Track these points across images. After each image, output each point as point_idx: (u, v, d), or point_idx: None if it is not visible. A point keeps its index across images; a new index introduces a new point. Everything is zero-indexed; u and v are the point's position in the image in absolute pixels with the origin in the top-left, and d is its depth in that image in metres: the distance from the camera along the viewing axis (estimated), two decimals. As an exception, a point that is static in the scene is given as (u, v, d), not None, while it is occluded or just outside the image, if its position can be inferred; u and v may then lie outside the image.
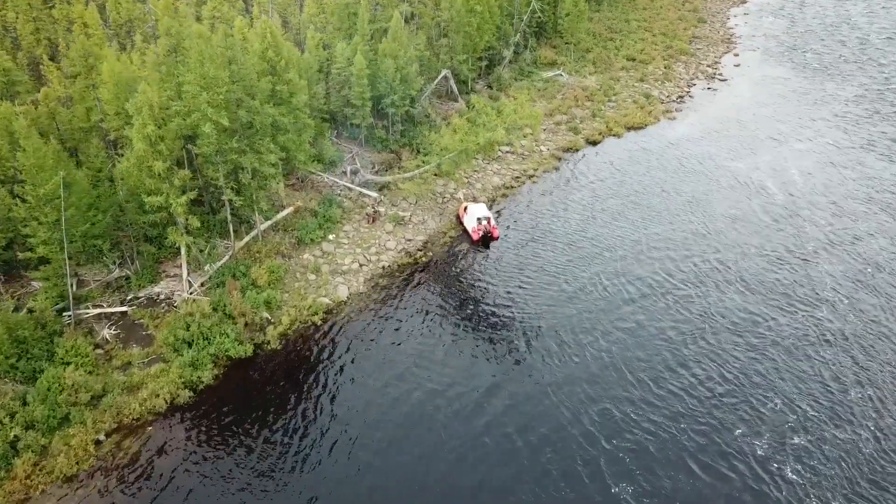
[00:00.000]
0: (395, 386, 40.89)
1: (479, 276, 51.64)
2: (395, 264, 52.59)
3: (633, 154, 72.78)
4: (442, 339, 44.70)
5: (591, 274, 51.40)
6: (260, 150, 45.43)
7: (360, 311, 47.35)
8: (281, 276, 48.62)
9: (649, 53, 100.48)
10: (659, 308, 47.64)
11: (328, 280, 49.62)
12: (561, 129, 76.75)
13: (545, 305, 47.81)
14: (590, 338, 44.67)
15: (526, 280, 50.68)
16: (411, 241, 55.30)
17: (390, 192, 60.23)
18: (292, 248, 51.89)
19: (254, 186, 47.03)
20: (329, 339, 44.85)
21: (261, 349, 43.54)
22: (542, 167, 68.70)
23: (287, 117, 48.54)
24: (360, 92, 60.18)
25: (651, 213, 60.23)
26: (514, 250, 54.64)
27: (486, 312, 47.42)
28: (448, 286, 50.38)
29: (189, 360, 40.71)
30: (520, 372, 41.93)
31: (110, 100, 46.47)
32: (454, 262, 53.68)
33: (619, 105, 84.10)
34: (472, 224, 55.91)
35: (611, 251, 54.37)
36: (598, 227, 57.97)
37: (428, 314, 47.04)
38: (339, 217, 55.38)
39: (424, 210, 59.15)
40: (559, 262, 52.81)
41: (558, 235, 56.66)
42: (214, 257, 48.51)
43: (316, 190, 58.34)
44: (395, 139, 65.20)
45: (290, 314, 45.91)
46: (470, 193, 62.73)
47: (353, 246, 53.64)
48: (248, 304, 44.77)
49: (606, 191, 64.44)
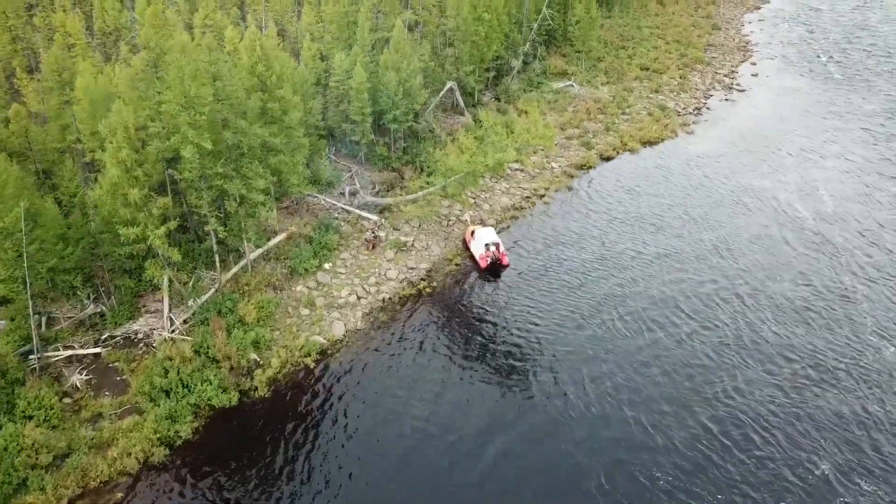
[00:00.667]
0: (395, 442, 36.62)
1: (487, 310, 47.36)
2: (396, 296, 48.35)
3: (650, 172, 68.50)
4: (447, 385, 40.41)
5: (608, 307, 47.08)
6: (248, 175, 41.24)
7: (357, 352, 43.10)
8: (271, 312, 44.41)
9: (663, 62, 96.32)
10: (681, 346, 43.32)
11: (323, 315, 45.40)
12: (573, 143, 72.53)
13: (559, 343, 43.51)
14: (607, 380, 40.36)
15: (538, 314, 46.39)
16: (414, 269, 51.08)
17: (392, 214, 56.05)
18: (284, 278, 47.68)
19: (241, 215, 42.84)
20: (322, 384, 40.60)
21: (247, 396, 39.30)
22: (553, 186, 64.48)
23: (279, 137, 44.36)
24: (359, 107, 56.03)
25: (671, 239, 55.91)
26: (525, 280, 50.35)
27: (496, 352, 43.13)
28: (454, 321, 46.12)
29: (166, 411, 36.48)
30: (543, 428, 37.62)
31: (85, 118, 42.38)
32: (460, 293, 49.43)
33: (633, 118, 79.90)
34: (479, 250, 51.69)
35: (629, 281, 50.05)
36: (615, 253, 53.65)
37: (432, 355, 42.78)
38: (336, 243, 51.17)
39: (428, 234, 54.95)
40: (573, 294, 48.50)
41: (572, 263, 52.36)
42: (199, 291, 44.35)
43: (311, 213, 54.15)
44: (398, 156, 61.05)
45: (281, 356, 41.69)
46: (477, 215, 58.52)
47: (350, 276, 49.42)
48: (234, 345, 40.57)
49: (622, 213, 60.14)
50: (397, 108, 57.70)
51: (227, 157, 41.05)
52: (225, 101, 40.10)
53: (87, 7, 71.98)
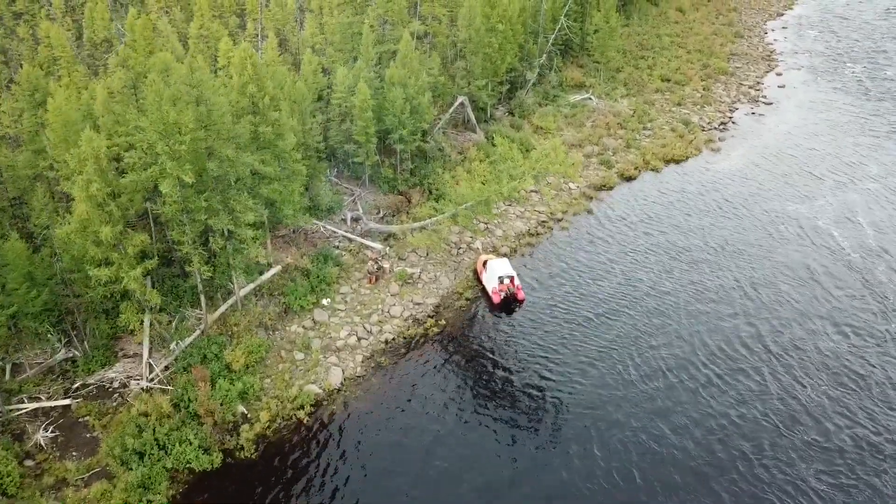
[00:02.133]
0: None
1: (498, 353, 42.96)
2: (400, 336, 44.05)
3: (675, 194, 63.86)
4: (454, 440, 36.08)
5: (632, 351, 42.59)
6: (236, 209, 37.10)
7: (355, 403, 38.82)
8: (262, 357, 40.24)
9: (685, 73, 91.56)
10: (712, 397, 38.80)
11: (319, 360, 41.15)
12: (592, 162, 68.00)
13: (576, 392, 39.10)
14: (628, 435, 35.98)
15: (554, 358, 41.97)
16: (420, 304, 46.76)
17: (397, 241, 51.80)
18: (278, 317, 43.48)
19: (229, 252, 38.71)
20: (316, 441, 36.34)
21: (231, 457, 35.10)
22: (571, 209, 60.01)
23: (271, 165, 40.21)
24: (363, 126, 51.81)
25: (700, 273, 51.26)
26: (541, 317, 45.90)
27: (505, 403, 38.71)
28: (462, 366, 41.76)
29: (139, 478, 32.36)
30: (558, 487, 33.24)
31: (58, 143, 38.37)
32: (470, 332, 45.08)
33: (655, 133, 75.24)
34: (492, 284, 47.33)
35: (654, 322, 45.50)
36: (639, 289, 49.10)
37: (436, 405, 38.44)
38: (336, 277, 46.93)
39: (437, 264, 50.64)
40: (590, 334, 44.06)
41: (591, 298, 47.88)
42: (183, 333, 40.28)
43: (310, 242, 49.97)
44: (404, 178, 56.79)
45: (271, 408, 37.49)
46: (490, 242, 54.15)
47: (350, 313, 45.16)
48: (218, 398, 36.41)
49: (646, 240, 55.57)
50: (404, 128, 53.45)
51: (212, 189, 36.97)
52: (210, 127, 35.99)
53: (79, 15, 68.31)
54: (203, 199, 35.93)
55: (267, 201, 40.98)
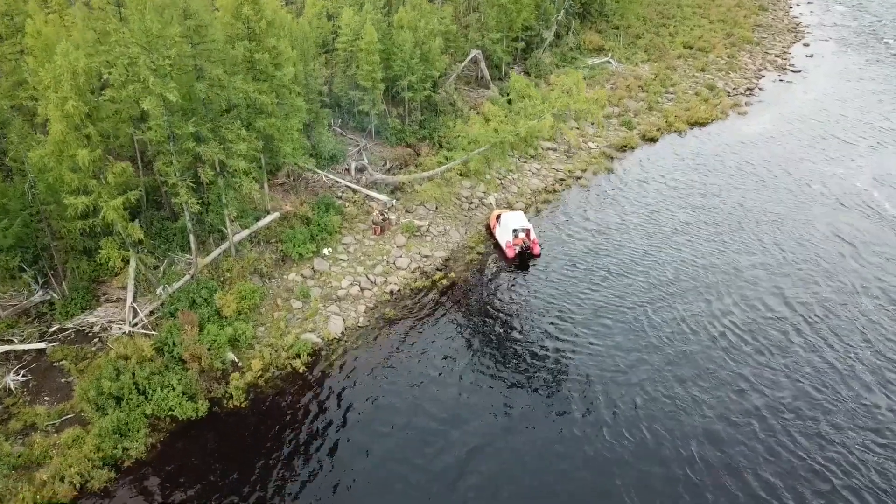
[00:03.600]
0: (396, 469, 29.05)
1: (512, 307, 39.55)
2: (406, 288, 40.74)
3: (701, 155, 60.11)
4: (460, 397, 32.77)
5: (651, 312, 39.06)
6: (228, 138, 33.87)
7: (356, 353, 35.58)
8: (256, 304, 37.04)
9: (709, 41, 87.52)
10: (751, 375, 35.21)
11: (318, 309, 37.93)
12: (612, 123, 64.38)
13: (593, 354, 35.58)
14: (646, 401, 32.48)
15: (569, 317, 38.45)
16: (429, 257, 43.43)
17: (405, 195, 48.45)
18: (274, 265, 40.29)
19: (221, 186, 35.53)
20: (312, 392, 33.12)
21: (219, 406, 31.95)
22: (590, 167, 56.46)
23: (268, 96, 36.96)
24: (369, 71, 48.50)
25: (730, 234, 47.51)
26: (558, 276, 42.42)
27: (518, 360, 35.33)
28: (473, 319, 38.41)
29: (114, 423, 29.28)
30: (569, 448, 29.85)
31: (38, 69, 35.28)
32: (482, 286, 41.69)
33: (678, 97, 71.42)
34: (506, 237, 43.93)
35: (677, 283, 41.91)
36: (663, 249, 45.43)
37: (444, 359, 35.14)
38: (338, 226, 43.65)
39: (446, 218, 47.27)
40: (612, 295, 40.48)
41: (612, 258, 44.33)
42: (171, 277, 37.16)
43: (311, 191, 46.71)
44: (413, 131, 53.37)
45: (264, 356, 34.35)
46: (503, 199, 50.72)
47: (353, 263, 41.90)
48: (206, 342, 33.27)
49: (671, 201, 51.91)
50: (413, 74, 50.08)
51: (202, 114, 33.78)
52: (199, 44, 32.77)
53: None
54: (191, 124, 32.71)
55: (263, 137, 37.73)
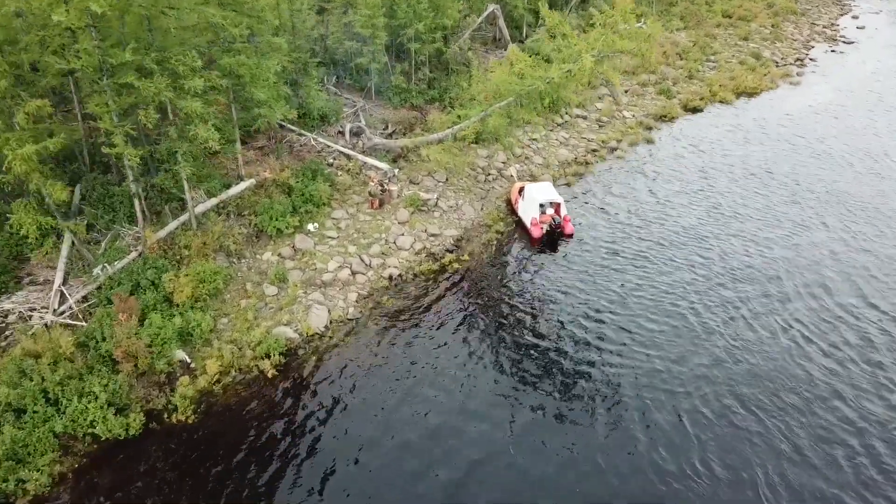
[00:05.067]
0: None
1: (537, 302, 31.54)
2: (409, 273, 32.87)
3: (752, 126, 51.97)
4: (468, 410, 24.87)
5: (710, 314, 30.99)
6: (179, 72, 26.07)
7: (342, 353, 27.74)
8: (218, 289, 29.27)
9: (750, 9, 79.21)
10: (814, 388, 27.14)
11: (297, 296, 30.11)
12: (648, 91, 56.32)
13: (633, 362, 27.61)
14: (709, 429, 24.46)
15: (605, 315, 30.45)
16: (437, 236, 35.54)
17: (409, 163, 40.59)
18: (246, 242, 32.51)
19: (172, 136, 27.77)
20: (284, 403, 25.31)
21: (158, 421, 24.21)
22: (626, 138, 48.40)
23: (236, 27, 29.10)
24: (368, 17, 40.65)
25: (790, 215, 39.40)
26: (592, 262, 34.47)
27: (544, 366, 27.36)
28: (490, 315, 30.48)
29: (7, 445, 21.58)
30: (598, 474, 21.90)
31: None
32: (501, 273, 33.74)
33: (721, 66, 63.29)
34: (531, 213, 36.06)
35: (736, 275, 33.83)
36: (715, 233, 37.33)
37: (453, 365, 27.24)
38: (327, 197, 35.84)
39: (459, 191, 39.37)
40: (657, 286, 32.50)
41: (656, 244, 36.29)
42: (114, 254, 29.42)
43: (296, 157, 38.88)
44: (420, 90, 45.40)
45: (223, 355, 26.58)
46: (526, 171, 42.76)
47: (344, 242, 34.06)
48: (146, 336, 25.54)
49: (720, 176, 43.81)
50: (420, 21, 42.13)
51: (145, 41, 26.06)
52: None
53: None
54: (129, 51, 24.91)
55: (231, 75, 29.92)
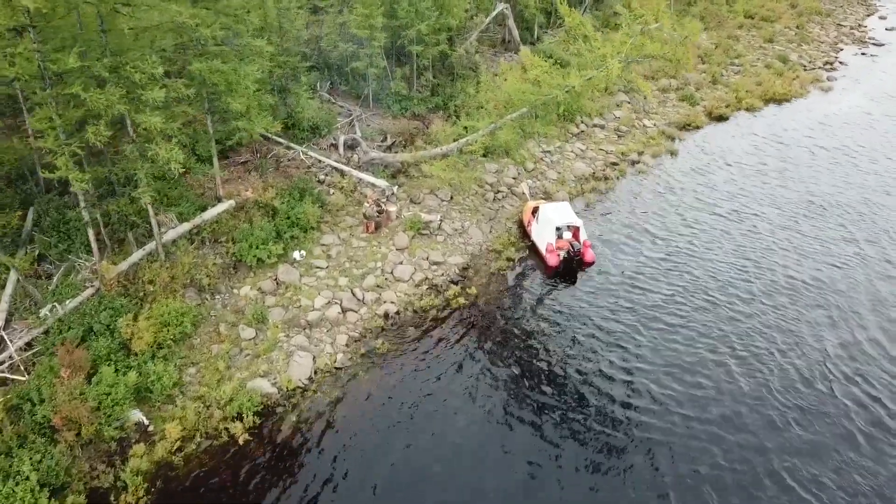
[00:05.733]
0: None
1: (555, 343, 27.37)
2: (408, 309, 28.71)
3: (784, 137, 47.74)
4: (483, 475, 20.71)
5: (755, 361, 26.83)
6: (135, 79, 21.96)
7: (329, 411, 23.61)
8: (186, 333, 25.19)
9: (773, 10, 74.91)
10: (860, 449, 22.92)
11: (278, 340, 25.99)
12: (670, 97, 52.09)
13: (668, 424, 23.45)
14: None
15: (636, 360, 26.35)
16: (440, 265, 31.37)
17: (409, 180, 36.47)
18: (221, 274, 28.39)
19: (129, 156, 23.69)
20: (254, 478, 21.15)
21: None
22: (648, 149, 44.18)
23: (209, 27, 25.00)
24: (365, 16, 36.52)
25: (836, 239, 35.26)
26: (616, 295, 30.30)
27: (565, 422, 23.21)
28: (502, 359, 26.31)
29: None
30: None
31: None
32: (514, 309, 29.54)
33: (745, 70, 59.06)
34: (547, 237, 31.91)
35: (782, 314, 29.62)
36: (754, 261, 33.17)
37: (462, 425, 23.10)
38: (316, 220, 31.71)
39: (465, 211, 35.22)
40: (692, 330, 28.33)
41: (688, 274, 32.11)
42: (65, 292, 25.36)
43: (283, 173, 34.74)
44: (422, 98, 41.22)
45: (187, 417, 22.47)
46: (539, 187, 38.58)
47: (334, 272, 29.90)
48: (93, 397, 21.46)
49: (754, 194, 39.58)
50: (422, 21, 37.98)
51: (99, 43, 22.00)
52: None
53: None
54: (74, 54, 20.82)
55: (205, 84, 25.84)
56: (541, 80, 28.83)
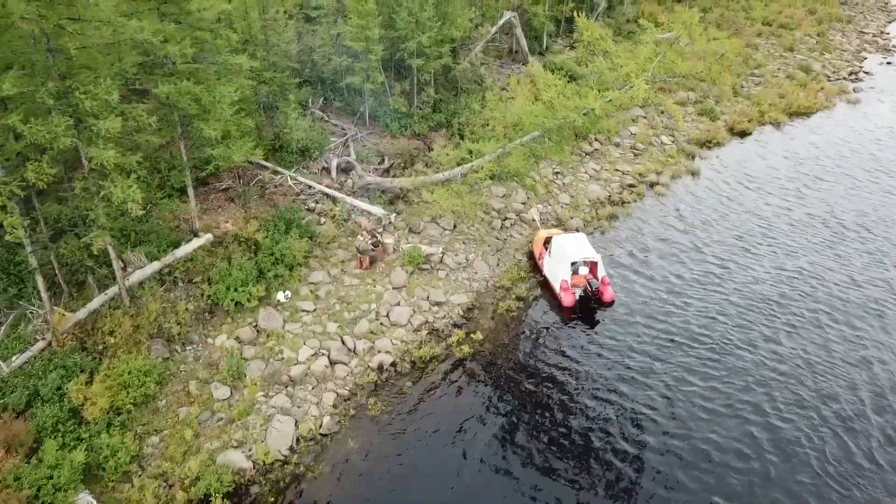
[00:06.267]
0: None
1: (572, 401, 24.02)
2: (405, 359, 25.39)
3: (812, 155, 44.46)
4: None
5: (791, 417, 23.45)
6: (85, 108, 18.75)
7: (312, 489, 20.28)
8: (149, 394, 21.94)
9: (791, 16, 71.60)
10: None
11: (255, 401, 22.71)
12: (688, 111, 48.77)
13: (700, 487, 20.10)
14: None
15: (664, 418, 23.04)
16: (442, 305, 28.08)
17: (410, 206, 33.21)
18: (194, 321, 25.14)
19: (80, 196, 20.49)
20: (223, 581, 17.88)
21: None
22: (667, 169, 40.90)
23: (179, 44, 21.81)
24: (360, 28, 33.32)
25: (883, 280, 31.89)
26: (639, 339, 26.96)
27: (580, 492, 19.90)
28: (509, 423, 22.96)
29: None
30: None
31: None
32: (525, 357, 26.19)
33: (767, 81, 55.70)
34: (561, 274, 28.64)
35: (832, 371, 26.25)
36: (786, 309, 29.80)
37: (464, 494, 19.81)
38: (304, 255, 28.44)
39: (469, 242, 31.95)
40: (731, 386, 24.97)
41: (721, 316, 28.74)
42: (12, 346, 22.17)
43: (268, 200, 31.47)
44: (423, 115, 37.94)
45: (145, 499, 19.17)
46: (551, 213, 35.29)
47: (322, 317, 26.62)
48: (32, 481, 18.20)
49: (781, 227, 36.07)
50: (423, 33, 34.75)
51: (43, 65, 18.84)
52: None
53: None
54: (10, 81, 17.62)
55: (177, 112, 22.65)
56: (555, 102, 25.51)
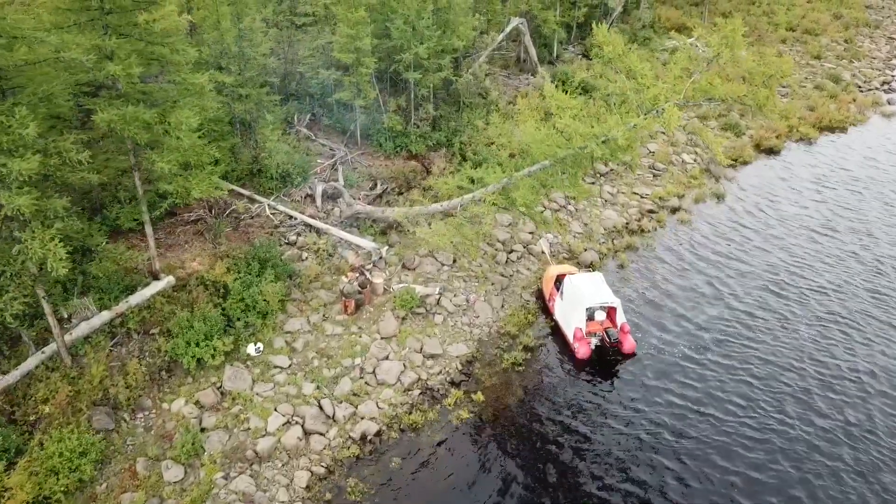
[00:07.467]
0: None
1: (587, 479, 20.35)
2: (392, 427, 21.79)
3: (849, 175, 40.65)
4: None
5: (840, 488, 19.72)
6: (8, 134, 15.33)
7: None
8: (84, 479, 18.43)
9: (817, 21, 67.65)
10: None
11: (212, 483, 19.17)
12: (711, 125, 45.03)
13: None
14: None
15: (696, 496, 19.32)
16: (438, 358, 24.48)
17: (403, 238, 29.66)
18: (148, 382, 21.62)
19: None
20: None
21: None
22: (689, 192, 37.23)
23: (124, 62, 18.33)
24: (350, 38, 29.79)
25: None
26: (665, 398, 23.29)
27: None
28: (519, 495, 19.39)
29: None
30: None
31: None
32: (534, 419, 22.55)
33: (794, 91, 51.82)
34: (574, 320, 25.04)
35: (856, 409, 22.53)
36: (830, 362, 26.03)
37: None
38: (279, 300, 24.87)
39: (470, 280, 28.35)
40: (777, 456, 21.27)
41: (757, 369, 24.98)
42: (-76, 417, 18.71)
43: (243, 233, 27.94)
44: (421, 133, 34.31)
45: None
46: (562, 244, 31.62)
47: (297, 375, 23.05)
48: None
49: (816, 264, 32.16)
50: (421, 44, 31.18)
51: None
52: None
53: None
54: None
55: (127, 139, 19.19)
56: (570, 129, 21.86)
